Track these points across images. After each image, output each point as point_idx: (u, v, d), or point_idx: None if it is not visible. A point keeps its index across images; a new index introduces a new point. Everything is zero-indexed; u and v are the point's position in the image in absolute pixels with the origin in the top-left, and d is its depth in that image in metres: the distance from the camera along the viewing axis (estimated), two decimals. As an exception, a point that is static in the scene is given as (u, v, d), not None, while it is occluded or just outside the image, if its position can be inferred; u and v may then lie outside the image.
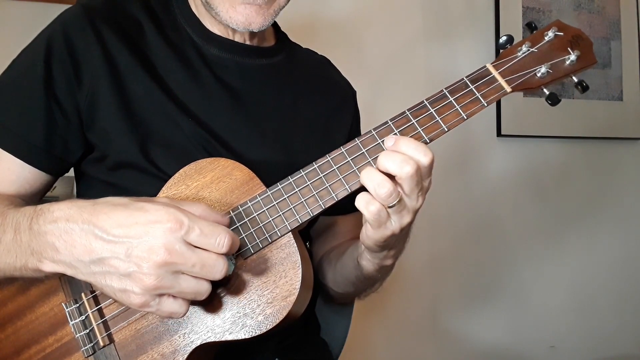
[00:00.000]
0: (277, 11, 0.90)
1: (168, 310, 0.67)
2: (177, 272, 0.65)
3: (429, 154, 0.70)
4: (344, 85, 1.12)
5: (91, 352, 0.77)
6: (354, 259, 0.88)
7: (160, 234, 0.64)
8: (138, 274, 0.65)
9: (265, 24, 0.88)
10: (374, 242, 0.77)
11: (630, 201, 2.21)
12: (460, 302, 1.96)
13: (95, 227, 0.66)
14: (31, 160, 0.86)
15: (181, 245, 0.65)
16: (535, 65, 0.77)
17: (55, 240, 0.68)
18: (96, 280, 0.68)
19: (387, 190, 0.69)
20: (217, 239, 0.66)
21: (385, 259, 0.83)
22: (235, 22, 0.87)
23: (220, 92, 0.92)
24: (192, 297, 0.67)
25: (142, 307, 0.67)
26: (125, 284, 0.66)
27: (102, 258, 0.66)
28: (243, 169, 0.79)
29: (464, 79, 0.77)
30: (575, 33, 0.78)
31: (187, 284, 0.66)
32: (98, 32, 0.87)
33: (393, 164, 0.69)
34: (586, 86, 0.78)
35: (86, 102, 0.86)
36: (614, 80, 2.14)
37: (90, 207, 0.68)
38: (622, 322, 2.16)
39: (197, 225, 0.66)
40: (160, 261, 0.64)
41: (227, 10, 0.87)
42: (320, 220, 1.06)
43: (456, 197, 1.90)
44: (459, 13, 1.95)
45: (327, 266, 1.01)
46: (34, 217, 0.71)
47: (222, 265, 0.67)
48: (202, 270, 0.66)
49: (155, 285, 0.65)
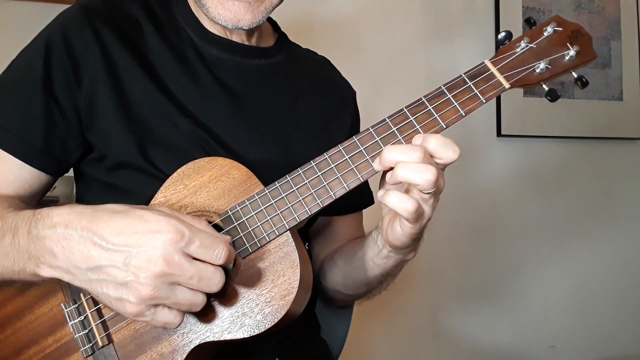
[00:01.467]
0: (269, 9, 0.89)
1: (163, 321, 0.67)
2: (173, 283, 0.65)
3: (456, 151, 0.71)
4: (343, 86, 1.12)
5: (90, 352, 0.77)
6: (369, 259, 0.88)
7: (160, 245, 0.64)
8: (135, 283, 0.64)
9: (255, 22, 0.87)
10: (410, 237, 0.76)
11: (630, 201, 2.21)
12: (460, 302, 1.96)
13: (94, 235, 0.66)
14: (30, 160, 0.86)
15: (180, 257, 0.65)
16: (534, 61, 0.76)
17: (54, 245, 0.68)
18: (92, 287, 0.67)
19: (434, 176, 0.68)
20: (216, 251, 0.66)
21: (410, 253, 0.83)
22: (223, 18, 0.86)
23: (219, 92, 0.91)
24: (187, 308, 0.67)
25: (137, 316, 0.66)
26: (121, 293, 0.65)
27: (99, 266, 0.66)
28: (241, 168, 0.79)
29: (462, 76, 0.77)
30: (574, 28, 0.78)
31: (183, 296, 0.66)
32: (97, 33, 0.87)
33: (445, 150, 0.70)
34: (586, 81, 0.77)
35: (85, 102, 0.86)
36: (614, 80, 2.13)
37: (90, 213, 0.68)
38: (622, 322, 2.15)
39: (197, 237, 0.66)
40: (158, 272, 0.64)
41: (216, 7, 0.86)
42: (319, 220, 1.05)
43: (456, 197, 1.90)
44: (459, 13, 1.95)
45: (333, 269, 1.01)
46: (33, 222, 0.71)
47: (218, 279, 0.67)
48: (199, 283, 0.66)
49: (152, 296, 0.64)
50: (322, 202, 0.76)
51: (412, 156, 0.69)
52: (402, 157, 0.69)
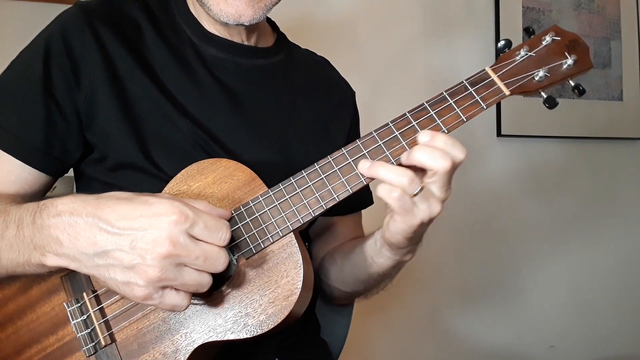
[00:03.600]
0: (269, 6, 0.89)
1: (171, 303, 0.68)
2: (180, 264, 0.66)
3: (464, 151, 0.74)
4: (343, 86, 1.12)
5: (92, 351, 0.77)
6: (368, 257, 0.88)
7: (164, 227, 0.65)
8: (142, 265, 0.65)
9: (256, 17, 0.88)
10: (402, 235, 0.77)
11: (630, 201, 2.21)
12: (460, 302, 1.96)
13: (100, 220, 0.67)
14: (30, 161, 0.86)
15: (185, 238, 0.66)
16: (533, 69, 0.78)
17: (59, 233, 0.68)
18: (100, 273, 0.68)
19: (409, 178, 0.71)
20: (220, 233, 0.68)
21: (407, 254, 0.84)
22: (225, 14, 0.86)
23: (218, 93, 0.92)
24: (194, 289, 0.68)
25: (145, 299, 0.67)
26: (129, 277, 0.66)
27: (106, 250, 0.66)
28: (245, 169, 0.79)
29: (464, 82, 0.78)
30: (572, 38, 0.80)
31: (189, 277, 0.67)
32: (96, 33, 0.87)
33: (430, 159, 0.72)
34: (583, 90, 0.79)
35: (85, 103, 0.86)
36: (614, 80, 2.14)
37: (94, 200, 0.69)
38: (622, 322, 2.16)
39: (201, 218, 0.67)
40: (165, 253, 0.65)
41: (218, 3, 0.86)
42: (319, 221, 1.06)
43: (456, 197, 1.88)
44: (459, 12, 1.95)
45: (331, 266, 1.01)
46: (37, 212, 0.72)
47: (223, 258, 0.68)
48: (204, 263, 0.67)
49: (159, 277, 0.65)
50: (325, 204, 0.76)
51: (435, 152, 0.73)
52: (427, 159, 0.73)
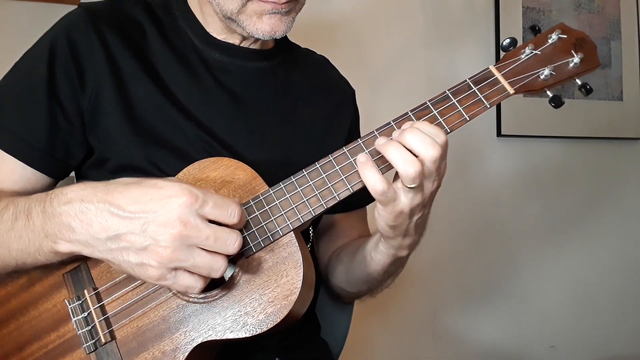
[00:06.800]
0: (295, 17, 0.91)
1: (184, 284, 0.69)
2: (191, 245, 0.67)
3: (442, 136, 0.72)
4: (343, 85, 1.13)
5: (93, 348, 0.78)
6: (367, 255, 0.89)
7: (175, 208, 0.67)
8: (154, 246, 0.67)
9: (287, 31, 0.89)
10: (385, 222, 0.77)
11: (630, 201, 2.21)
12: (460, 302, 1.96)
13: (111, 205, 0.68)
14: (33, 162, 0.86)
15: (195, 219, 0.67)
16: (539, 67, 0.77)
17: (71, 220, 0.70)
18: (113, 256, 0.69)
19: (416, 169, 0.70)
20: (229, 210, 0.69)
21: (400, 250, 0.84)
22: (261, 32, 0.87)
23: (221, 96, 0.92)
24: (206, 272, 0.69)
25: (159, 280, 0.68)
26: (142, 258, 0.68)
27: (118, 234, 0.68)
28: (246, 168, 0.79)
29: (467, 81, 0.77)
30: (579, 36, 0.79)
31: (201, 259, 0.68)
32: (101, 36, 0.87)
33: (420, 144, 0.70)
34: (590, 89, 0.78)
35: (89, 105, 0.86)
36: (614, 80, 2.14)
37: (103, 187, 0.71)
38: (622, 322, 2.16)
39: (210, 198, 0.68)
40: (176, 233, 0.66)
41: (255, 23, 0.87)
42: (323, 220, 1.06)
43: (456, 197, 1.90)
44: (459, 12, 1.95)
45: (338, 265, 1.02)
46: (47, 201, 0.73)
47: (234, 239, 0.69)
48: (216, 244, 0.68)
49: (171, 258, 0.67)
50: (326, 203, 0.76)
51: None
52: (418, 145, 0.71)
